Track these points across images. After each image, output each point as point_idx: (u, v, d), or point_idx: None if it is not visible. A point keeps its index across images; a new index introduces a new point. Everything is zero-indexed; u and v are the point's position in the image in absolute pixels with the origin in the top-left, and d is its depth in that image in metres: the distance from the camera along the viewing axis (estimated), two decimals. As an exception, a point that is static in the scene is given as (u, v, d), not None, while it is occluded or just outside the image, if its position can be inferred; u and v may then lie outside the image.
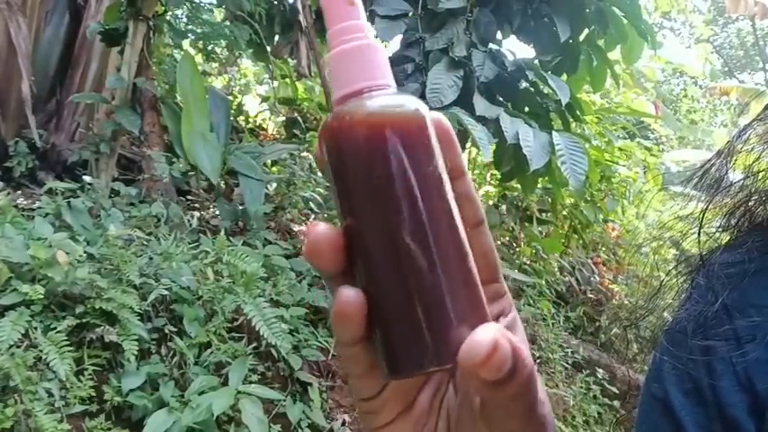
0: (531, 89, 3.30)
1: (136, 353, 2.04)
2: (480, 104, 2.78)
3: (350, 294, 0.29)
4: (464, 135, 2.64)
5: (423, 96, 2.83)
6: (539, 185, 3.99)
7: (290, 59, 4.56)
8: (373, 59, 0.31)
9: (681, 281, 0.51)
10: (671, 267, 0.52)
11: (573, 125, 3.40)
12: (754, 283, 0.44)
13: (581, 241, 5.09)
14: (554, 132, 2.79)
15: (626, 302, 4.93)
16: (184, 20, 3.99)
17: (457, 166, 0.33)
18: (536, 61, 3.27)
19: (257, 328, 2.28)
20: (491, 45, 3.10)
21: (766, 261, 0.44)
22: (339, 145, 0.30)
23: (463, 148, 3.28)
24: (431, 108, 0.32)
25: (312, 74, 4.48)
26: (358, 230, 0.30)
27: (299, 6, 3.63)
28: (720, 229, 0.50)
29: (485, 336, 0.27)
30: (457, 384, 0.36)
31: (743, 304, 0.43)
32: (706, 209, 0.50)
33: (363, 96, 0.31)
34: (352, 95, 0.31)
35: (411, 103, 0.31)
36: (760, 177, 0.48)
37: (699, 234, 0.50)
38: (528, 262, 4.61)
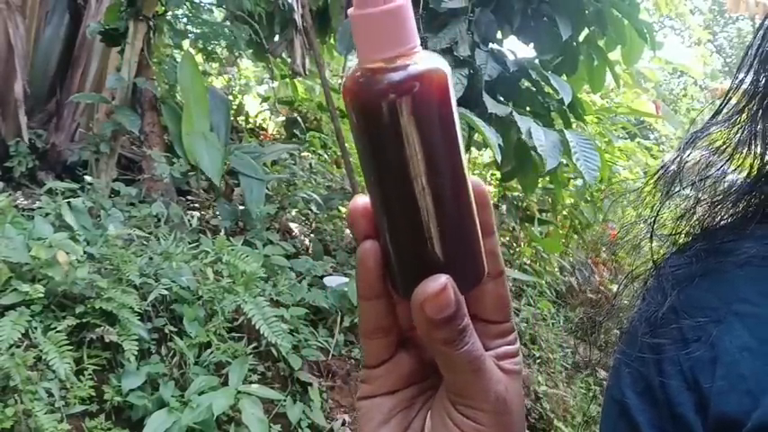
0: (533, 89, 3.30)
1: (136, 353, 2.04)
2: (489, 103, 2.79)
3: (367, 244, 0.34)
4: (468, 136, 2.65)
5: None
6: (539, 185, 3.99)
7: (287, 58, 4.56)
8: (402, 20, 0.31)
9: (637, 285, 0.52)
10: (627, 272, 0.54)
11: (574, 125, 3.41)
12: (699, 285, 0.45)
13: (581, 241, 5.09)
14: (565, 130, 2.81)
15: (626, 302, 4.92)
16: (184, 20, 3.98)
17: (488, 225, 0.37)
18: (536, 61, 3.27)
19: (257, 328, 2.28)
20: (492, 45, 3.11)
21: (711, 264, 0.46)
22: (365, 111, 0.31)
23: (467, 149, 3.28)
24: None
25: (307, 72, 4.48)
26: (382, 186, 0.32)
27: (295, 4, 3.62)
28: (672, 234, 0.51)
29: (439, 280, 0.33)
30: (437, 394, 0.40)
31: (689, 306, 0.45)
32: (657, 213, 0.51)
33: (393, 63, 0.31)
34: (382, 62, 0.31)
35: (435, 64, 0.31)
36: (708, 183, 0.50)
37: (651, 239, 0.51)
38: (528, 262, 4.61)
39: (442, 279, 0.33)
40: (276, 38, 4.37)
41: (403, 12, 0.31)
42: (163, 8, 3.32)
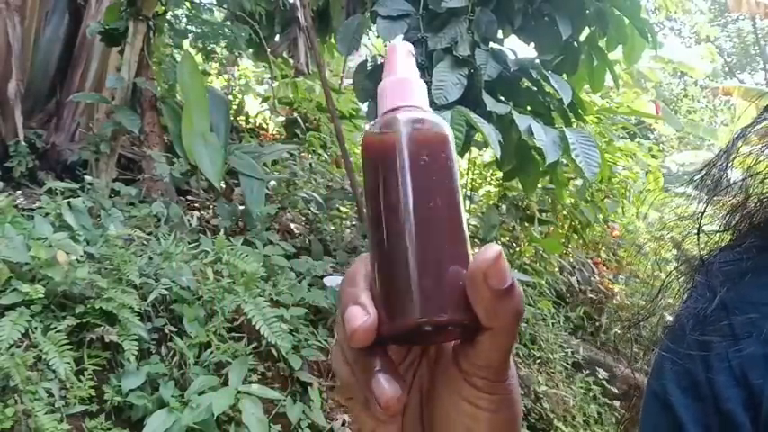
0: (534, 88, 3.29)
1: (136, 353, 2.04)
2: (489, 101, 2.79)
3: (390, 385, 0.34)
4: (467, 136, 2.64)
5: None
6: (539, 185, 3.98)
7: (289, 58, 4.56)
8: (410, 88, 0.38)
9: (681, 281, 0.51)
10: (672, 268, 0.53)
11: (575, 124, 3.40)
12: (751, 281, 0.45)
13: (581, 241, 5.09)
14: (565, 128, 2.81)
15: (626, 302, 4.92)
16: (184, 20, 3.99)
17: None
18: (537, 60, 3.27)
19: (257, 328, 2.28)
20: (493, 44, 3.10)
21: (763, 259, 0.45)
22: (371, 149, 0.37)
23: (466, 149, 3.28)
24: (436, 106, 0.34)
25: (310, 72, 4.48)
26: (382, 211, 0.35)
27: (298, 3, 3.63)
28: (721, 230, 0.50)
29: (493, 249, 0.33)
30: (431, 357, 0.41)
31: (740, 302, 0.44)
32: (705, 209, 0.50)
33: (398, 111, 0.37)
34: (390, 111, 0.37)
35: (436, 120, 0.36)
36: (759, 179, 0.49)
37: (698, 235, 0.50)
38: (528, 262, 4.61)
39: (496, 247, 0.33)
40: (277, 38, 4.37)
41: (414, 82, 0.38)
42: (163, 8, 3.32)
